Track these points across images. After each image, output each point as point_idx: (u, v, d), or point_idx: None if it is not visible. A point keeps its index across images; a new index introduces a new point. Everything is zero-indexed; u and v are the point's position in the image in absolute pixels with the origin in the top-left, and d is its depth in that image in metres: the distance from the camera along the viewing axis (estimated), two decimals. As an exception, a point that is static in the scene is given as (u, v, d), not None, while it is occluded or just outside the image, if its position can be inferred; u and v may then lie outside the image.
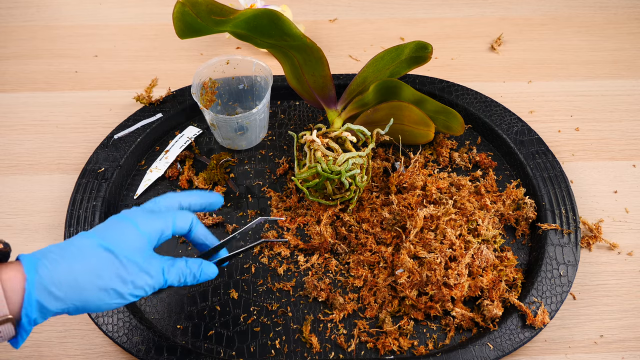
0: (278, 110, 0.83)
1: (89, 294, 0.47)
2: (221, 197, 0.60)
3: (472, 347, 0.60)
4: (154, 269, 0.50)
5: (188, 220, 0.55)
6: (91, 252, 0.47)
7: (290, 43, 0.65)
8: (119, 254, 0.48)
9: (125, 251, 0.48)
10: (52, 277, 0.45)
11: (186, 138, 0.79)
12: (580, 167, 0.78)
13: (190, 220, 0.55)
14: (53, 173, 0.78)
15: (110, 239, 0.48)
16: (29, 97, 0.87)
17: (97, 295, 0.47)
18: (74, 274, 0.46)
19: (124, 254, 0.48)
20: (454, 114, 0.74)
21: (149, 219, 0.51)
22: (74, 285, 0.46)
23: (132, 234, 0.49)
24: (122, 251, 0.48)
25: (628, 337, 0.63)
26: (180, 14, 0.62)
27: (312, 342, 0.62)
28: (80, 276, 0.46)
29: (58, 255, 0.46)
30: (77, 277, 0.46)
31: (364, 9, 1.00)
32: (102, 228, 0.50)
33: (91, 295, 0.47)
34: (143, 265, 0.49)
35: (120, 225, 0.50)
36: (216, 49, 0.93)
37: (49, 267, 0.45)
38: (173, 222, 0.53)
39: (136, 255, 0.49)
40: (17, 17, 0.98)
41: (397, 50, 0.72)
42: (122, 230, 0.50)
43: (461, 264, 0.64)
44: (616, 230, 0.72)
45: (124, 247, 0.48)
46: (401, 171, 0.73)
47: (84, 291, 0.46)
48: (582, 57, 0.92)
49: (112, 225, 0.50)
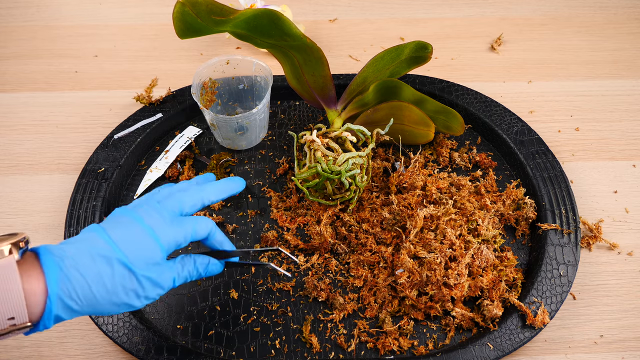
0: (278, 110, 0.83)
1: (103, 307, 0.48)
2: (243, 181, 0.60)
3: (472, 347, 0.60)
4: (167, 281, 0.51)
5: (207, 229, 0.54)
6: (112, 269, 0.47)
7: (290, 43, 0.65)
8: (137, 272, 0.48)
9: (143, 269, 0.48)
10: (71, 294, 0.45)
11: (186, 138, 0.79)
12: (580, 167, 0.78)
13: (209, 228, 0.54)
14: (53, 173, 0.78)
15: (130, 252, 0.48)
16: (29, 97, 0.87)
17: (110, 308, 0.48)
18: (93, 291, 0.46)
19: (141, 272, 0.48)
20: (454, 114, 0.74)
21: (169, 230, 0.50)
22: (92, 301, 0.47)
23: (151, 248, 0.49)
24: (140, 269, 0.48)
25: (628, 337, 0.63)
26: (180, 14, 0.62)
27: (312, 342, 0.62)
28: (98, 293, 0.47)
29: (78, 267, 0.46)
30: (96, 294, 0.46)
31: (364, 9, 1.00)
32: (122, 237, 0.48)
33: (104, 308, 0.48)
34: (157, 280, 0.50)
35: (139, 235, 0.49)
36: (216, 49, 0.93)
37: (70, 283, 0.45)
38: (193, 231, 0.52)
39: (152, 271, 0.49)
40: (17, 17, 0.98)
41: (397, 50, 0.72)
42: (141, 242, 0.49)
43: (461, 264, 0.64)
44: (616, 230, 0.72)
45: (142, 264, 0.48)
46: (401, 171, 0.73)
47: (99, 305, 0.47)
48: (582, 57, 0.92)
49: (132, 236, 0.49)
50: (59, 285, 0.45)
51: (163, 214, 0.51)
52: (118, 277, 0.47)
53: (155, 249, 0.49)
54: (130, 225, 0.49)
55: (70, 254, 0.46)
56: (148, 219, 0.50)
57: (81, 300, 0.46)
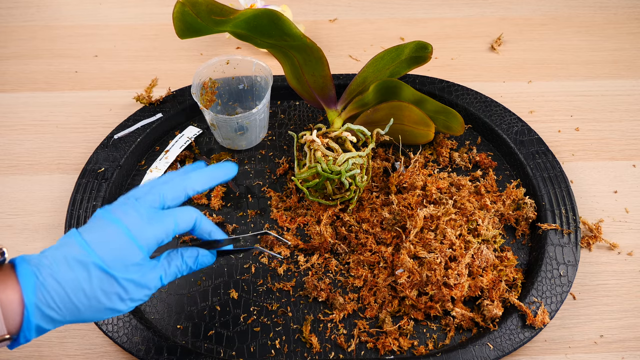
0: (278, 110, 0.83)
1: (86, 315, 0.47)
2: (235, 165, 0.56)
3: (472, 347, 0.60)
4: (153, 281, 0.49)
5: (191, 220, 0.51)
6: (89, 274, 0.46)
7: (290, 43, 0.65)
8: (116, 275, 0.46)
9: (123, 271, 0.47)
10: (49, 303, 0.44)
11: (186, 138, 0.79)
12: (580, 167, 0.78)
13: (193, 218, 0.52)
14: (53, 173, 0.78)
15: (106, 255, 0.46)
16: (29, 97, 0.87)
17: (94, 315, 0.47)
18: (72, 299, 0.45)
19: (121, 275, 0.47)
20: (454, 114, 0.74)
21: (148, 227, 0.48)
22: (72, 309, 0.46)
23: (128, 249, 0.47)
24: (119, 272, 0.46)
25: (628, 337, 0.63)
26: (180, 14, 0.62)
27: (312, 342, 0.62)
28: (77, 300, 0.45)
29: (55, 275, 0.45)
30: (75, 301, 0.45)
31: (364, 9, 1.00)
32: (98, 240, 0.47)
33: (88, 315, 0.47)
34: (141, 281, 0.48)
35: (115, 237, 0.47)
36: (216, 49, 0.93)
37: (46, 292, 0.44)
38: (175, 225, 0.50)
39: (133, 273, 0.47)
40: (17, 17, 0.98)
41: (397, 50, 0.72)
42: (118, 243, 0.47)
43: (461, 264, 0.64)
44: (616, 230, 0.72)
45: (120, 266, 0.46)
46: (401, 171, 0.73)
47: (81, 313, 0.46)
48: (582, 57, 0.92)
49: (108, 238, 0.47)
50: (35, 295, 0.44)
51: (140, 212, 0.49)
52: (96, 282, 0.46)
53: (133, 250, 0.47)
54: (106, 226, 0.47)
55: (47, 261, 0.45)
56: (125, 218, 0.48)
57: (60, 308, 0.45)
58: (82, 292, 0.45)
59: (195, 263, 0.53)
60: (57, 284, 0.45)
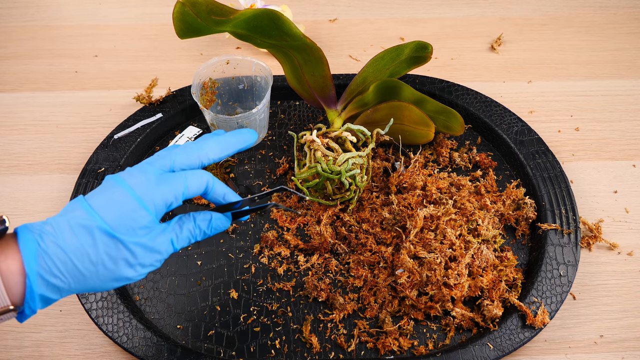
0: (278, 110, 0.83)
1: (93, 282, 0.44)
2: (253, 132, 0.52)
3: (472, 347, 0.60)
4: (163, 245, 0.47)
5: (203, 183, 0.48)
6: (94, 239, 0.44)
7: (290, 43, 0.65)
8: (122, 239, 0.44)
9: (129, 234, 0.44)
10: (52, 270, 0.42)
11: (186, 138, 0.79)
12: (580, 167, 0.78)
13: (205, 182, 0.48)
14: (53, 173, 0.78)
15: (110, 218, 0.44)
16: (29, 97, 0.87)
17: (103, 283, 0.45)
18: (77, 265, 0.43)
19: (129, 239, 0.44)
20: (454, 114, 0.74)
21: (155, 189, 0.45)
22: (78, 276, 0.43)
23: (134, 211, 0.45)
24: (127, 236, 0.44)
25: (628, 337, 0.63)
26: (180, 14, 0.62)
27: (312, 342, 0.62)
28: (82, 267, 0.43)
29: (58, 241, 0.43)
30: (80, 267, 0.43)
31: (364, 9, 1.00)
32: (103, 203, 0.45)
33: (94, 283, 0.44)
34: (151, 245, 0.46)
35: (122, 201, 0.45)
36: (216, 49, 0.93)
37: (49, 259, 0.43)
38: (184, 187, 0.47)
39: (141, 236, 0.45)
40: (17, 17, 0.98)
41: (397, 50, 0.72)
42: (123, 206, 0.45)
43: (461, 264, 0.64)
44: (616, 230, 0.72)
45: (126, 229, 0.44)
46: (401, 171, 0.73)
47: (87, 280, 0.44)
48: (582, 57, 0.92)
49: (113, 200, 0.45)
50: (37, 262, 0.42)
51: (148, 174, 0.46)
52: (102, 246, 0.43)
53: (139, 212, 0.45)
54: (111, 189, 0.45)
55: (50, 228, 0.43)
56: (131, 180, 0.46)
57: (65, 276, 0.43)
58: (87, 258, 0.43)
59: (209, 227, 0.50)
60: (60, 251, 0.43)
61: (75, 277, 0.43)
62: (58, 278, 0.43)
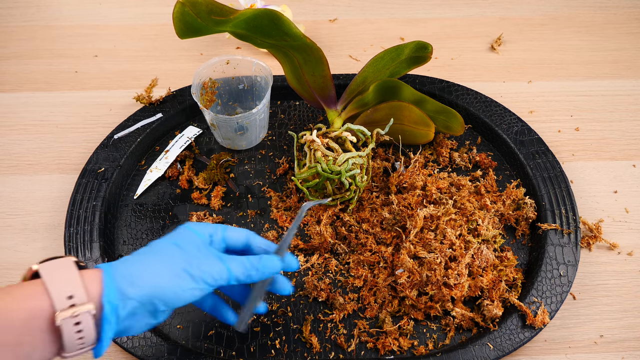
0: (278, 110, 0.83)
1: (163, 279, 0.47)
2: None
3: (472, 347, 0.60)
4: (213, 255, 0.51)
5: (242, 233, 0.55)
6: (160, 246, 0.50)
7: (290, 43, 0.65)
8: (183, 246, 0.50)
9: (189, 244, 0.50)
10: (127, 268, 0.47)
11: (186, 138, 0.79)
12: (580, 167, 0.78)
13: (244, 233, 0.55)
14: (53, 173, 0.78)
15: (175, 238, 0.51)
16: (29, 97, 0.87)
17: (170, 279, 0.47)
18: (146, 262, 0.48)
19: (187, 247, 0.50)
20: (454, 114, 0.74)
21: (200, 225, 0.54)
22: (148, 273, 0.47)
23: (191, 234, 0.52)
24: (186, 244, 0.50)
25: (628, 337, 0.63)
26: (180, 14, 0.62)
27: (312, 342, 0.62)
28: (152, 263, 0.48)
29: (130, 255, 0.49)
30: (150, 264, 0.48)
31: (364, 9, 1.00)
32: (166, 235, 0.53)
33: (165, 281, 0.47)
34: (204, 252, 0.50)
35: (179, 230, 0.53)
36: (216, 49, 0.93)
37: (123, 261, 0.48)
38: (223, 230, 0.54)
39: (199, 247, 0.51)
40: (17, 17, 0.98)
41: (397, 50, 0.72)
42: (182, 232, 0.52)
43: (461, 264, 0.64)
44: (616, 230, 0.72)
45: (188, 242, 0.51)
46: (401, 171, 0.73)
47: (158, 277, 0.47)
48: (582, 57, 0.92)
49: (174, 231, 0.53)
50: (112, 265, 0.47)
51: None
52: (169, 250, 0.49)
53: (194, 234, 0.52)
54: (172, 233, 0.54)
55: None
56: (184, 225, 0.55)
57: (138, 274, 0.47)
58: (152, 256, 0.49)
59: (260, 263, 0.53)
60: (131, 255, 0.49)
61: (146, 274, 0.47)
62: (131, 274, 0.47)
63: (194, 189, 0.75)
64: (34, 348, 0.42)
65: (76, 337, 0.43)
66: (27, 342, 0.42)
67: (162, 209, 0.73)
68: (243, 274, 0.51)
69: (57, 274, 0.44)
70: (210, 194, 0.75)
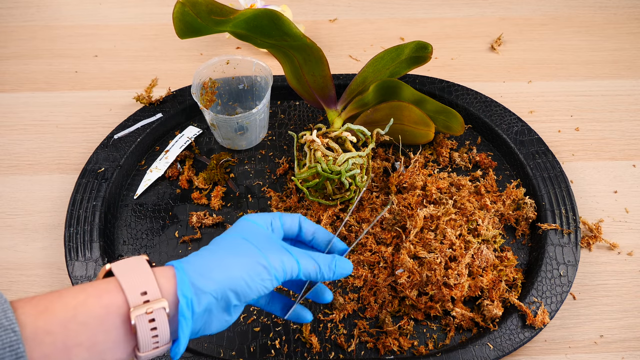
0: (278, 110, 0.83)
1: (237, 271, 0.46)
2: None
3: (472, 347, 0.60)
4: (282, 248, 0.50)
5: (295, 218, 0.55)
6: (228, 241, 0.49)
7: (290, 43, 0.65)
8: (251, 239, 0.49)
9: (257, 237, 0.50)
10: (199, 262, 0.46)
11: (186, 138, 0.79)
12: (580, 167, 0.78)
13: (297, 218, 0.55)
14: (53, 173, 0.78)
15: (241, 231, 0.51)
16: (29, 97, 0.87)
17: (245, 272, 0.47)
18: (218, 256, 0.47)
19: (256, 240, 0.50)
20: (454, 114, 0.74)
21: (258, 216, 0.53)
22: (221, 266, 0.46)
23: (254, 226, 0.52)
24: (254, 237, 0.50)
25: (628, 337, 0.63)
26: (180, 14, 0.62)
27: (312, 342, 0.62)
28: (224, 257, 0.47)
29: (198, 251, 0.48)
30: (222, 258, 0.47)
31: (364, 9, 1.00)
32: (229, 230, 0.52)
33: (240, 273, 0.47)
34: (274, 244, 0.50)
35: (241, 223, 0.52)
36: (216, 49, 0.93)
37: (193, 256, 0.47)
38: (280, 218, 0.54)
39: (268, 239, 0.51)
40: (17, 17, 0.98)
41: (397, 50, 0.72)
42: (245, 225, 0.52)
43: (461, 264, 0.64)
44: (616, 230, 0.72)
45: (255, 235, 0.50)
46: (401, 171, 0.73)
47: (232, 270, 0.46)
48: (582, 57, 0.92)
49: (235, 225, 0.52)
50: (183, 263, 0.46)
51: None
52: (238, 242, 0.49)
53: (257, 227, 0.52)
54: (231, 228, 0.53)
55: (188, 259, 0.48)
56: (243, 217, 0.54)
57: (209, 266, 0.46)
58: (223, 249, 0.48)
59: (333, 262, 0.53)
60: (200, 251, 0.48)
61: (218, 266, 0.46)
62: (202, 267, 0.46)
63: (194, 189, 0.75)
64: (108, 347, 0.42)
65: (151, 334, 0.43)
66: (102, 340, 0.41)
67: (162, 209, 0.73)
68: (314, 271, 0.51)
69: (130, 271, 0.43)
70: (210, 194, 0.75)
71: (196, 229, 0.71)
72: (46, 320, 0.40)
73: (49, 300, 0.41)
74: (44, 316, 0.40)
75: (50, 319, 0.40)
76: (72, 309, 0.40)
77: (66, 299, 0.41)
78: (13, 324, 0.38)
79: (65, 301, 0.41)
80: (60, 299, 0.41)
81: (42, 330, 0.39)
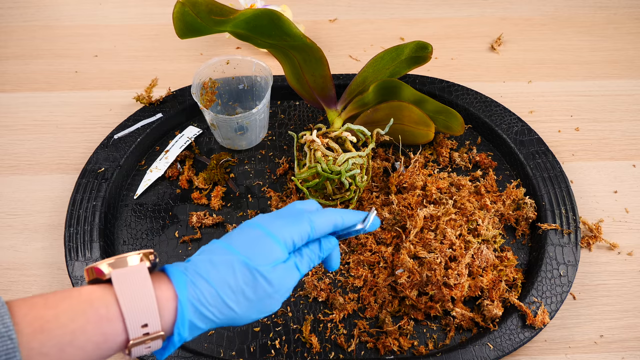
0: (278, 110, 0.83)
1: (237, 314, 0.47)
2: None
3: (472, 347, 0.60)
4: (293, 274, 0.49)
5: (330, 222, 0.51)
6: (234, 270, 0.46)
7: (290, 43, 0.65)
8: (263, 272, 0.47)
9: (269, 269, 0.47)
10: (200, 298, 0.45)
11: (186, 138, 0.79)
12: (580, 167, 0.78)
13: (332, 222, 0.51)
14: (53, 173, 0.78)
15: (253, 255, 0.47)
16: (29, 97, 0.87)
17: (245, 314, 0.47)
18: (220, 295, 0.45)
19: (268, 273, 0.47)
20: (454, 114, 0.74)
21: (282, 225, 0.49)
22: (222, 306, 0.46)
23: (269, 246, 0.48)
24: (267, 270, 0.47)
25: (628, 337, 0.63)
26: (180, 14, 0.62)
27: (312, 342, 0.62)
28: (226, 297, 0.46)
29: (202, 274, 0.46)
30: (224, 298, 0.46)
31: (364, 9, 1.00)
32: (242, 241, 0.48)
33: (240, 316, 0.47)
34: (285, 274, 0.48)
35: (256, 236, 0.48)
36: (216, 49, 0.93)
37: (197, 288, 0.45)
38: (311, 225, 0.50)
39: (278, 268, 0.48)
40: (17, 17, 0.98)
41: (397, 50, 0.72)
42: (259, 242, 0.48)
43: (461, 264, 0.64)
44: (616, 230, 0.72)
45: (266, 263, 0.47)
46: (401, 171, 0.73)
47: (232, 312, 0.46)
48: (582, 57, 0.92)
49: (249, 238, 0.49)
50: (187, 290, 0.44)
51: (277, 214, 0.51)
52: (241, 277, 0.46)
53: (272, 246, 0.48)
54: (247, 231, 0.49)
55: (193, 265, 0.46)
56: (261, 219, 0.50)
57: (211, 304, 0.45)
58: (228, 288, 0.46)
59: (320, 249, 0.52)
60: (204, 282, 0.45)
61: (219, 307, 0.46)
62: (205, 307, 0.45)
63: (194, 189, 0.75)
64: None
65: (145, 352, 0.44)
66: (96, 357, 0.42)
67: (162, 209, 0.73)
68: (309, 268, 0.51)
69: (133, 294, 0.42)
70: (210, 194, 0.75)
71: (196, 229, 0.71)
72: (42, 342, 0.39)
73: (45, 320, 0.40)
74: (40, 337, 0.39)
75: (46, 341, 0.39)
76: (69, 333, 0.40)
77: (63, 319, 0.40)
78: (10, 330, 0.38)
79: (63, 322, 0.40)
80: (57, 320, 0.40)
81: (36, 353, 0.39)
